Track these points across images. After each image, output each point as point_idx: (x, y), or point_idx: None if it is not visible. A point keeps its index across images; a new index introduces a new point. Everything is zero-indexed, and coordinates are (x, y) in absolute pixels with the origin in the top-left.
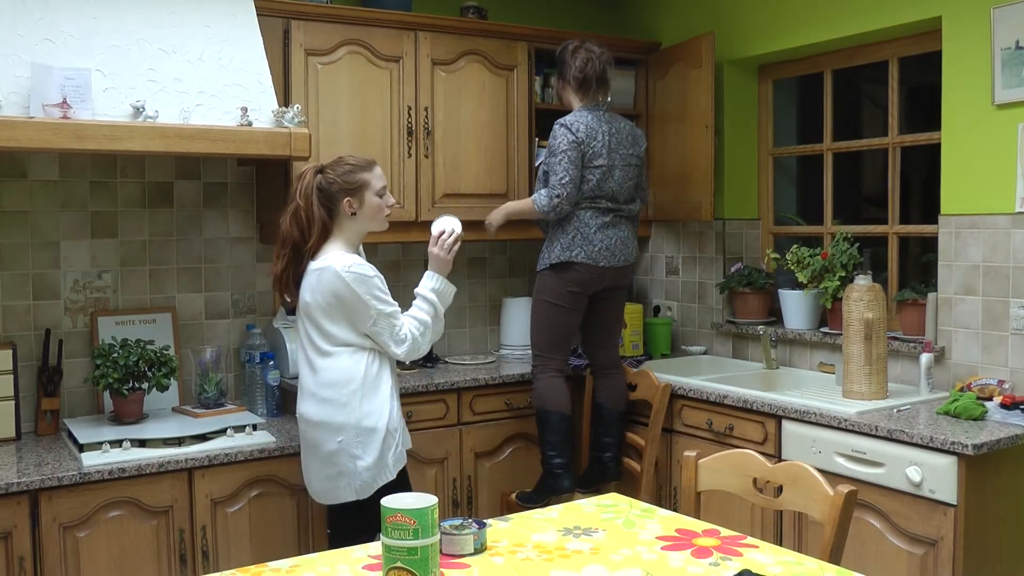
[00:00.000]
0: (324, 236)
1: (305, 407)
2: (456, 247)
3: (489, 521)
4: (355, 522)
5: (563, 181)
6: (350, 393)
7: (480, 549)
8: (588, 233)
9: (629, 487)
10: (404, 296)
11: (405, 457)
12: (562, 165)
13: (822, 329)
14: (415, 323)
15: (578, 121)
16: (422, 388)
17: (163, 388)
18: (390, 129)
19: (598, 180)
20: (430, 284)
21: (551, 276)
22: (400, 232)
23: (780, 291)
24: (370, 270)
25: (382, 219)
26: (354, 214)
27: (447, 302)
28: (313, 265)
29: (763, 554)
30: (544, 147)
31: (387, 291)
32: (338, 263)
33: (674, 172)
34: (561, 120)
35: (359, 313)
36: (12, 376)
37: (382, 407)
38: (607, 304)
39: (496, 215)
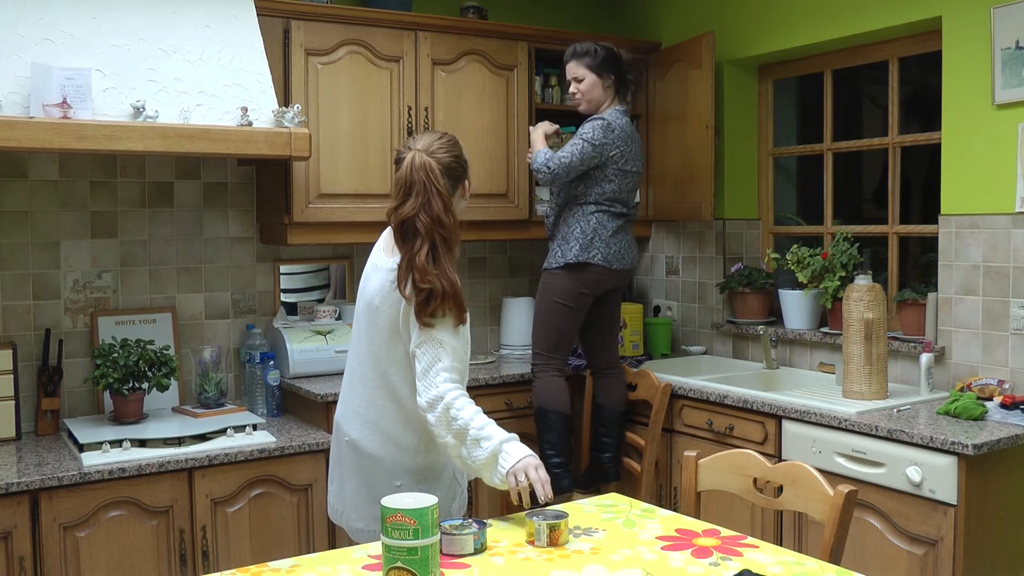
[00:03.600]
0: None
1: (359, 433)
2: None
3: (489, 521)
4: None
5: (564, 163)
6: (416, 432)
7: (480, 549)
8: (606, 235)
9: (629, 487)
10: None
11: (467, 503)
12: (575, 152)
13: (822, 329)
14: (465, 403)
15: (617, 124)
16: None
17: (163, 388)
18: (390, 129)
19: (621, 184)
20: (509, 452)
21: (564, 275)
22: None
23: (780, 291)
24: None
25: None
26: (464, 197)
27: (485, 471)
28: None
29: (763, 554)
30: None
31: (466, 328)
32: None
33: (674, 172)
34: (606, 117)
35: (414, 328)
36: (12, 376)
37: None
38: (608, 305)
39: (539, 132)
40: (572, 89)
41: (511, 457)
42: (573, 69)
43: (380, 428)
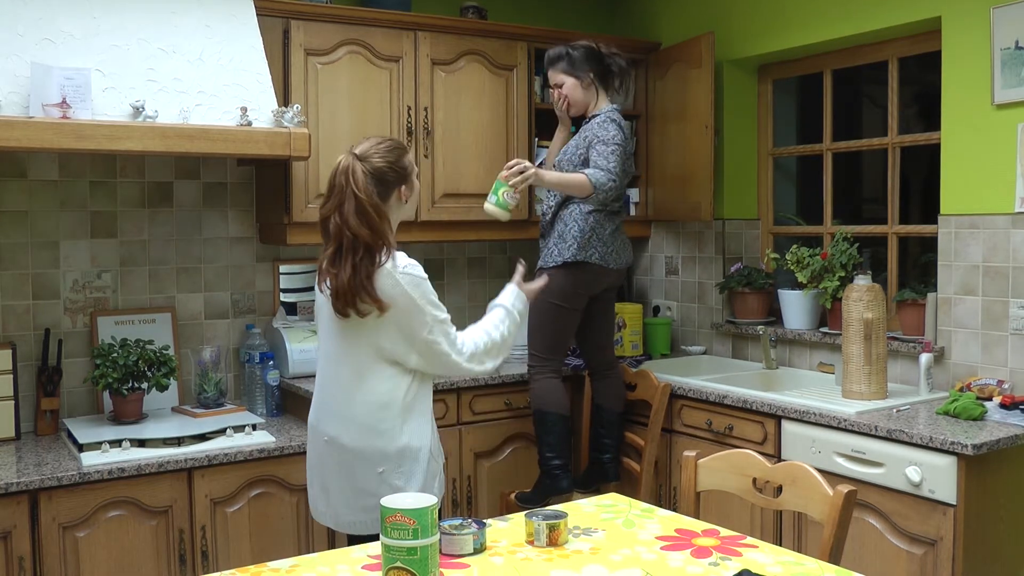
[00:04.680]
0: None
1: (337, 430)
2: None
3: (489, 521)
4: None
5: (618, 172)
6: (392, 418)
7: (480, 549)
8: (604, 235)
9: (629, 487)
10: None
11: (444, 482)
12: (617, 159)
13: (822, 329)
14: (479, 333)
15: (623, 121)
16: None
17: (163, 388)
18: (390, 129)
19: (623, 182)
20: (518, 303)
21: (561, 274)
22: (400, 232)
23: (780, 291)
24: (422, 271)
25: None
26: (405, 202)
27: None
28: None
29: (763, 554)
30: (544, 146)
31: (426, 289)
32: (389, 263)
33: (674, 172)
34: (610, 116)
35: (415, 320)
36: (12, 376)
37: (423, 430)
38: (604, 305)
39: (535, 176)
40: (555, 97)
41: (517, 298)
42: (552, 77)
43: (359, 422)
